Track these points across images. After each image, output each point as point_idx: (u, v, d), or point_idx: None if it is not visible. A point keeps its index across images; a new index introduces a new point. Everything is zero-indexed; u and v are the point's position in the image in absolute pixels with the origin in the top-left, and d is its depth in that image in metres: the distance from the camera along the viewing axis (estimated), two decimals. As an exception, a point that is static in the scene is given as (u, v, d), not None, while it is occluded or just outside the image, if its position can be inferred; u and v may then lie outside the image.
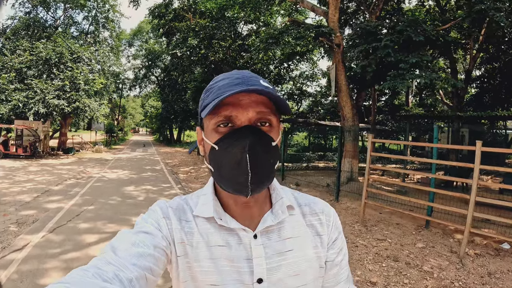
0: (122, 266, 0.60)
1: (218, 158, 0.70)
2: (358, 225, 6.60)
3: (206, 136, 0.73)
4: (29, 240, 5.43)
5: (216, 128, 0.70)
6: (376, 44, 9.24)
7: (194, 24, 17.77)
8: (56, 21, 29.97)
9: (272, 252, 0.75)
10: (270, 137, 0.70)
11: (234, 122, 0.69)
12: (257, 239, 0.75)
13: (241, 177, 0.67)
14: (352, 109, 10.84)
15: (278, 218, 0.77)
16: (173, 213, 0.77)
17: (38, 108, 18.82)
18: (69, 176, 12.60)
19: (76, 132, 40.92)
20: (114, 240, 0.67)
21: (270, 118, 0.70)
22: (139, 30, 42.93)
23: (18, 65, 20.34)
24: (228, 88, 0.68)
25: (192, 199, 0.82)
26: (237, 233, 0.75)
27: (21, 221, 6.59)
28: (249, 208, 0.77)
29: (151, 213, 0.77)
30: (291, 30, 10.45)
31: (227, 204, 0.78)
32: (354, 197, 8.97)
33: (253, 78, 0.71)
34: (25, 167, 15.15)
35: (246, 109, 0.68)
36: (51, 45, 21.07)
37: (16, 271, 4.31)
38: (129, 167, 16.94)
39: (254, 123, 0.69)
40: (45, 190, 9.74)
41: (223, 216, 0.76)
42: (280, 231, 0.78)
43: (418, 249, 5.27)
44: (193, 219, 0.77)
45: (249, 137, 0.66)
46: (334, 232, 0.84)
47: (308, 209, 0.85)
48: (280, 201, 0.79)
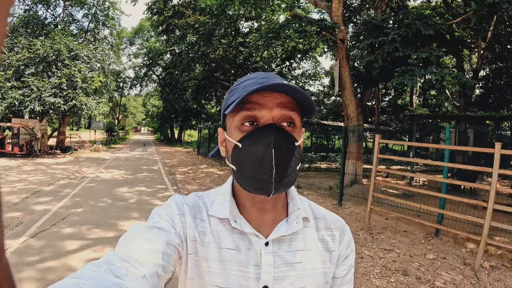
0: (135, 262, 0.59)
1: (242, 156, 0.70)
2: (363, 232, 6.16)
3: (229, 135, 0.73)
4: (8, 245, 5.09)
5: (240, 126, 0.70)
6: (383, 38, 8.78)
7: (194, 20, 17.39)
8: (56, 18, 29.70)
9: (281, 262, 0.74)
10: (293, 136, 0.70)
11: (258, 119, 0.69)
12: (268, 246, 0.74)
13: (265, 174, 0.66)
14: (356, 108, 10.38)
15: (292, 229, 0.76)
16: (189, 210, 0.77)
17: (34, 106, 18.48)
18: (62, 176, 12.23)
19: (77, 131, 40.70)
20: (127, 235, 0.67)
21: (294, 118, 0.70)
22: (140, 28, 42.68)
23: (15, 63, 20.04)
24: (252, 86, 0.67)
25: (209, 197, 0.82)
26: (249, 237, 0.75)
27: (5, 224, 6.13)
28: (265, 213, 0.77)
29: (167, 208, 0.77)
30: (292, 24, 10.00)
31: (243, 206, 0.77)
32: (358, 201, 8.51)
33: (277, 78, 0.72)
34: (20, 166, 14.79)
35: (270, 107, 0.68)
36: (49, 42, 20.74)
37: None
38: (126, 167, 16.55)
39: (278, 121, 0.69)
40: (35, 190, 9.38)
41: (238, 219, 0.75)
42: (291, 241, 0.77)
43: (429, 260, 4.84)
44: (208, 218, 0.77)
45: (273, 134, 0.67)
46: (347, 249, 0.83)
47: (323, 223, 0.84)
48: (297, 211, 0.79)
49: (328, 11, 10.70)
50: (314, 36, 10.07)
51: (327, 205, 8.45)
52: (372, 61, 9.05)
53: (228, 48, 19.54)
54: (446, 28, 8.99)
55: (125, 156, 23.52)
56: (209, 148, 20.95)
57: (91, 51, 23.77)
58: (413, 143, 11.07)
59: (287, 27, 10.05)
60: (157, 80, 45.86)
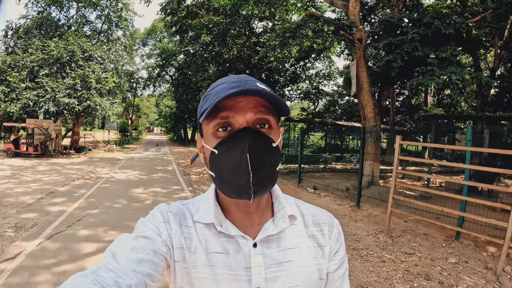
0: (122, 272, 0.59)
1: (219, 163, 0.69)
2: (383, 235, 6.01)
3: (206, 142, 0.73)
4: (24, 247, 5.05)
5: (214, 132, 0.70)
6: (402, 37, 8.56)
7: (208, 21, 17.33)
8: (69, 20, 29.99)
9: (271, 262, 0.74)
10: (269, 138, 0.70)
11: (233, 125, 0.68)
12: (256, 247, 0.74)
13: (243, 179, 0.65)
14: (374, 108, 10.18)
15: (279, 228, 0.76)
16: (174, 217, 0.76)
17: (48, 106, 18.66)
18: (77, 177, 12.27)
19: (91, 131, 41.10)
20: (113, 245, 0.66)
21: (269, 119, 0.70)
22: (153, 29, 42.87)
23: (29, 64, 20.27)
24: (225, 91, 0.66)
25: (194, 204, 0.81)
26: (237, 240, 0.74)
27: (20, 225, 6.25)
28: (250, 215, 0.76)
29: (151, 217, 0.76)
30: (309, 23, 9.82)
31: (228, 210, 0.77)
32: (375, 203, 8.34)
33: (249, 81, 0.70)
34: (34, 166, 14.91)
35: (244, 111, 0.67)
36: (63, 43, 20.93)
37: (4, 284, 3.92)
38: (140, 167, 16.55)
39: (253, 125, 0.69)
40: (50, 191, 9.39)
41: (224, 223, 0.75)
42: (280, 240, 0.76)
43: (451, 264, 4.71)
44: (193, 224, 0.76)
45: (248, 138, 0.66)
46: (336, 243, 0.82)
47: (311, 219, 0.83)
48: (283, 210, 0.79)
49: (344, 10, 10.52)
50: (331, 35, 9.87)
51: (344, 207, 8.31)
52: (391, 61, 8.82)
53: (242, 48, 19.44)
54: (465, 27, 8.74)
55: (139, 156, 23.60)
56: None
57: (105, 52, 23.92)
58: (432, 144, 10.79)
59: (303, 27, 9.89)
60: (170, 80, 46.02)
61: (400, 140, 6.12)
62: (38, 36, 25.71)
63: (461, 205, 5.59)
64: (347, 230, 6.28)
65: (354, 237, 5.88)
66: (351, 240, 5.72)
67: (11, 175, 11.91)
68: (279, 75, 22.49)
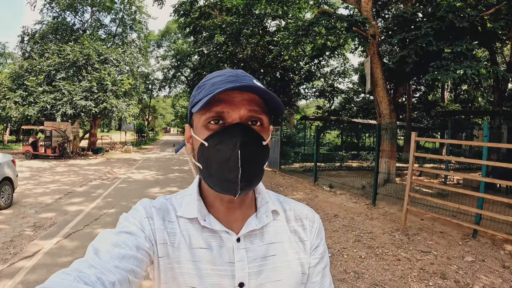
0: (104, 268, 0.59)
1: (208, 155, 0.69)
2: (399, 233, 5.93)
3: (196, 133, 0.72)
4: (42, 246, 5.17)
5: (206, 124, 0.69)
6: (416, 32, 8.40)
7: (221, 21, 17.37)
8: (84, 24, 30.54)
9: (255, 257, 0.74)
10: (260, 136, 0.70)
11: (225, 119, 0.68)
12: (240, 242, 0.74)
13: (231, 174, 0.66)
14: (389, 105, 10.04)
15: (262, 223, 0.77)
16: (157, 213, 0.76)
17: (65, 109, 19.00)
18: (94, 177, 12.48)
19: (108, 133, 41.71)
20: (96, 241, 0.66)
21: (262, 117, 0.70)
22: (167, 30, 43.10)
23: (46, 68, 20.71)
24: (221, 85, 0.67)
25: (177, 199, 0.80)
26: (220, 235, 0.74)
27: (38, 224, 6.39)
28: (234, 210, 0.77)
29: (134, 212, 0.75)
30: (322, 21, 9.74)
31: (212, 205, 0.77)
32: (391, 201, 8.22)
33: (246, 77, 0.71)
34: (53, 167, 15.23)
35: (238, 106, 0.68)
36: (78, 47, 21.30)
37: (22, 281, 4.03)
38: (157, 167, 16.72)
39: (245, 121, 0.69)
40: (68, 191, 9.57)
41: (207, 217, 0.75)
42: (263, 235, 0.77)
43: (467, 263, 4.62)
44: (176, 219, 0.76)
45: (240, 134, 0.66)
46: (316, 238, 0.83)
47: (293, 214, 0.84)
48: (266, 205, 0.80)
49: (357, 6, 10.41)
50: (344, 32, 9.76)
51: (360, 205, 8.23)
52: (406, 56, 8.66)
53: (256, 47, 19.42)
54: (480, 20, 8.52)
55: (156, 156, 23.80)
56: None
57: (120, 54, 24.23)
58: (449, 140, 10.58)
59: (316, 24, 9.81)
60: (185, 81, 46.28)
61: (415, 137, 6.00)
62: (54, 41, 26.27)
63: (478, 203, 5.47)
64: (363, 228, 6.22)
65: (370, 235, 5.82)
66: (366, 238, 5.67)
67: (30, 176, 12.19)
68: (293, 74, 22.37)
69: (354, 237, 5.74)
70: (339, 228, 6.27)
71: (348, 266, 4.51)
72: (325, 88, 25.72)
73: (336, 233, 5.97)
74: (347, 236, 5.79)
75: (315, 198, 8.96)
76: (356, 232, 6.03)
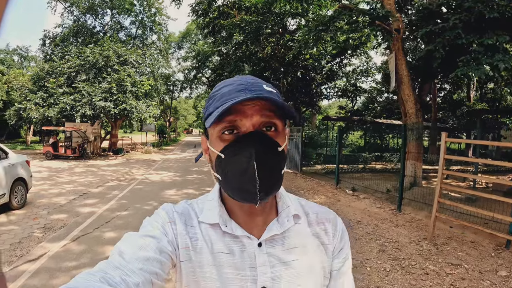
0: (129, 270, 0.60)
1: (225, 167, 0.70)
2: (427, 243, 5.41)
3: (212, 145, 0.73)
4: (48, 249, 5.04)
5: (220, 135, 0.70)
6: (443, 24, 7.84)
7: (240, 20, 17.11)
8: (104, 27, 31.03)
9: (276, 261, 0.75)
10: (276, 142, 0.70)
11: (239, 128, 0.69)
12: (261, 247, 0.75)
13: (249, 185, 0.66)
14: (415, 104, 9.49)
15: (284, 227, 0.77)
16: (179, 217, 0.77)
17: (84, 110, 19.20)
18: (111, 178, 12.40)
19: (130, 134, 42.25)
20: (120, 244, 0.67)
21: (275, 122, 0.70)
22: (187, 32, 43.31)
23: (67, 70, 21.04)
24: (231, 95, 0.67)
25: (198, 204, 0.82)
26: (242, 240, 0.75)
27: (48, 226, 6.30)
28: (255, 216, 0.77)
29: (157, 217, 0.77)
30: (342, 16, 9.28)
31: (232, 210, 0.78)
32: (418, 206, 7.66)
33: (256, 84, 0.71)
34: (71, 168, 15.32)
35: (250, 115, 0.67)
36: (98, 49, 21.53)
37: (23, 286, 3.89)
38: (176, 168, 16.56)
39: (259, 128, 0.69)
40: (83, 192, 9.50)
41: (229, 223, 0.76)
42: (285, 240, 0.77)
43: (501, 278, 4.15)
44: (198, 224, 0.77)
45: (255, 143, 0.66)
46: (341, 242, 0.83)
47: (315, 218, 0.84)
48: (287, 209, 0.80)
49: (379, 0, 9.87)
50: (366, 26, 9.27)
51: (385, 210, 7.71)
52: (433, 51, 8.09)
53: (276, 46, 19.07)
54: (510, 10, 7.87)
55: (176, 157, 23.70)
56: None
57: (140, 56, 24.36)
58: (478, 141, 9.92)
59: (337, 19, 9.35)
60: (206, 82, 46.38)
61: (446, 137, 5.49)
62: (74, 43, 26.73)
63: (512, 209, 4.94)
64: (388, 237, 5.76)
65: (395, 245, 5.35)
66: (391, 248, 5.22)
67: (47, 176, 12.23)
68: (315, 73, 21.87)
69: (378, 246, 5.29)
70: (362, 236, 5.82)
71: (372, 280, 4.10)
72: (347, 88, 25.07)
73: (359, 241, 5.53)
74: (370, 245, 5.34)
75: (337, 202, 8.49)
76: (380, 241, 5.57)
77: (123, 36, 31.82)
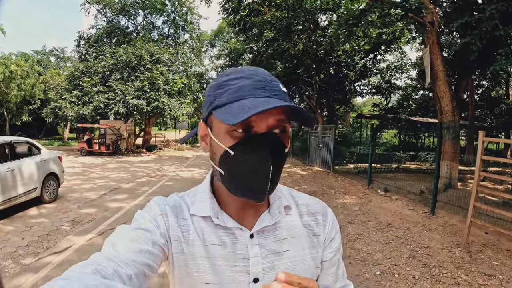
0: (122, 262, 0.60)
1: (234, 164, 0.68)
2: (460, 250, 4.96)
3: (217, 137, 0.70)
4: (74, 242, 5.16)
5: (231, 131, 0.67)
6: (480, 15, 7.32)
7: (270, 17, 16.94)
8: (137, 27, 31.87)
9: (268, 252, 0.76)
10: (284, 145, 0.71)
11: (253, 127, 0.67)
12: (253, 238, 0.75)
13: (259, 185, 0.67)
14: (451, 100, 8.97)
15: (275, 219, 0.78)
16: (171, 210, 0.77)
17: (118, 108, 19.77)
18: (143, 174, 12.66)
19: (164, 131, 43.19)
20: (113, 236, 0.68)
21: (286, 126, 0.70)
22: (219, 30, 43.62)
23: (101, 69, 21.77)
24: (251, 91, 0.66)
25: (189, 196, 0.82)
26: (233, 232, 0.76)
27: (77, 219, 6.47)
28: (247, 208, 0.77)
29: (149, 209, 0.77)
30: (374, 8, 8.92)
31: (224, 202, 0.78)
32: (452, 210, 7.14)
33: (274, 82, 0.70)
34: (104, 164, 15.79)
35: (267, 117, 0.66)
36: (131, 49, 22.08)
37: (45, 277, 3.99)
38: (207, 165, 16.59)
39: (272, 129, 0.68)
40: (114, 188, 9.73)
41: (220, 215, 0.76)
42: (276, 231, 0.78)
43: None
44: (190, 217, 0.77)
45: (269, 146, 0.66)
46: (331, 232, 0.85)
47: (305, 209, 0.85)
48: (278, 201, 0.80)
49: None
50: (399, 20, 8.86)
51: (418, 213, 7.22)
52: (469, 43, 7.57)
53: (308, 43, 18.74)
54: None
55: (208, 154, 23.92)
56: (292, 146, 20.47)
57: (172, 54, 24.74)
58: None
59: (368, 12, 9.00)
60: (240, 79, 46.56)
61: (483, 137, 5.09)
62: (108, 44, 27.59)
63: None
64: (419, 241, 5.35)
65: (426, 251, 4.95)
66: (422, 254, 4.84)
67: (81, 172, 12.64)
68: (348, 70, 21.34)
69: (408, 252, 4.93)
70: (392, 240, 5.45)
71: (399, 289, 3.85)
72: (381, 85, 24.30)
73: (389, 246, 5.19)
74: (400, 250, 4.99)
75: (368, 203, 8.11)
76: (411, 245, 5.19)
77: (155, 35, 32.55)
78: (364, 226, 6.15)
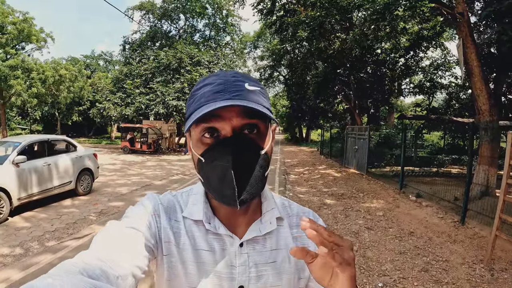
0: (110, 262, 0.58)
1: (205, 171, 0.69)
2: (482, 267, 4.43)
3: (193, 146, 0.72)
4: (94, 230, 5.55)
5: (201, 138, 0.69)
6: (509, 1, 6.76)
7: (305, 16, 16.81)
8: (179, 30, 32.97)
9: (256, 262, 0.76)
10: (257, 145, 0.69)
11: (219, 131, 0.67)
12: (242, 247, 0.75)
13: (228, 191, 0.66)
14: (488, 99, 8.34)
15: (266, 229, 0.78)
16: (164, 211, 0.77)
17: (158, 109, 20.59)
18: (177, 172, 13.05)
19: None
20: (102, 234, 0.66)
21: (257, 123, 0.68)
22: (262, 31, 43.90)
23: (143, 72, 22.77)
24: (210, 96, 0.66)
25: (183, 197, 0.81)
26: (224, 239, 0.75)
27: (104, 211, 6.92)
28: (238, 215, 0.77)
29: (142, 208, 0.75)
30: (400, 1, 8.56)
31: (217, 207, 0.78)
32: (485, 221, 6.20)
33: (236, 82, 0.68)
34: (143, 162, 16.49)
35: (230, 118, 0.66)
36: (172, 52, 22.83)
37: (60, 257, 4.38)
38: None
39: (240, 130, 0.67)
40: (146, 184, 10.15)
41: (212, 221, 0.76)
42: (266, 241, 0.78)
43: None
44: (182, 220, 0.77)
45: (233, 150, 0.65)
46: None
47: (296, 221, 0.85)
48: (271, 211, 0.80)
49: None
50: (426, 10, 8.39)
51: (446, 221, 6.63)
52: (501, 33, 7.02)
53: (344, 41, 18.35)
54: None
55: (245, 153, 24.10)
56: (331, 148, 20.19)
57: (213, 56, 25.27)
58: None
59: (393, 5, 8.65)
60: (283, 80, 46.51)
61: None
62: (151, 47, 28.75)
63: None
64: (438, 254, 4.87)
65: (443, 265, 4.49)
66: (437, 268, 4.40)
67: (119, 168, 13.32)
68: (387, 69, 20.54)
69: (422, 264, 4.50)
70: (408, 249, 5.04)
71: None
72: (423, 83, 23.12)
73: (403, 256, 4.79)
74: (414, 262, 4.58)
75: (395, 208, 7.66)
76: (427, 257, 4.74)
77: (198, 38, 33.44)
78: (382, 233, 5.83)
